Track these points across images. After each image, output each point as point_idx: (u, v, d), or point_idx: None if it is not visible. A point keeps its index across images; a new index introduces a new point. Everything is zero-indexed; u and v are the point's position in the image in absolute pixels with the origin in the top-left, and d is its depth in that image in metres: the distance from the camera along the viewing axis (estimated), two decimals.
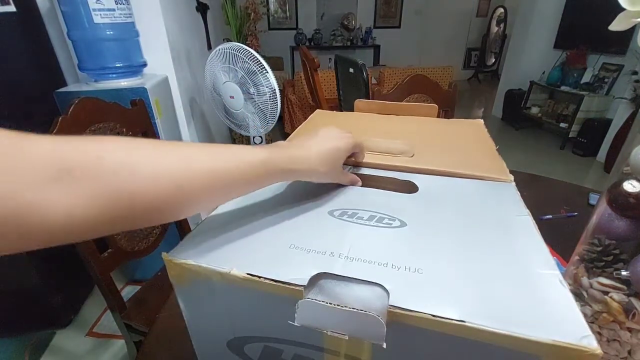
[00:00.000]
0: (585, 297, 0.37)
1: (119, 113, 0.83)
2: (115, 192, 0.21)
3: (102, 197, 0.21)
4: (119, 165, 0.22)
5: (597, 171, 2.65)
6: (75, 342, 1.26)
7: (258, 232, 0.31)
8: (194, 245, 0.29)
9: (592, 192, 0.83)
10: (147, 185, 0.23)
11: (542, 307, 0.22)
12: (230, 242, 0.29)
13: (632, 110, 2.44)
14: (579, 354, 0.20)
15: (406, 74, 1.27)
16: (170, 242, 0.29)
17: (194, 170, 0.25)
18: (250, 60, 1.41)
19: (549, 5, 3.30)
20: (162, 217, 0.25)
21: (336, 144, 0.36)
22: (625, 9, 0.38)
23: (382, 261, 0.26)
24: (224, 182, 0.27)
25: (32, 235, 0.19)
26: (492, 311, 0.22)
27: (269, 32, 4.55)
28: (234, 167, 0.27)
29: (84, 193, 0.20)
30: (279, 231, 0.31)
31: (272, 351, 0.30)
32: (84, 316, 1.35)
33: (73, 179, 0.20)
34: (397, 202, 0.35)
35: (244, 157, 0.28)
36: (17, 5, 1.05)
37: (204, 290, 0.29)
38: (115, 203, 0.21)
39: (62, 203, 0.20)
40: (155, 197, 0.23)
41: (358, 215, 0.33)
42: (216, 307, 0.30)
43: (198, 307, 0.31)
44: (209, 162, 0.26)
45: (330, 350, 0.27)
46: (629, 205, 0.35)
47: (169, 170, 0.24)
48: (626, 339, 0.35)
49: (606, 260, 0.36)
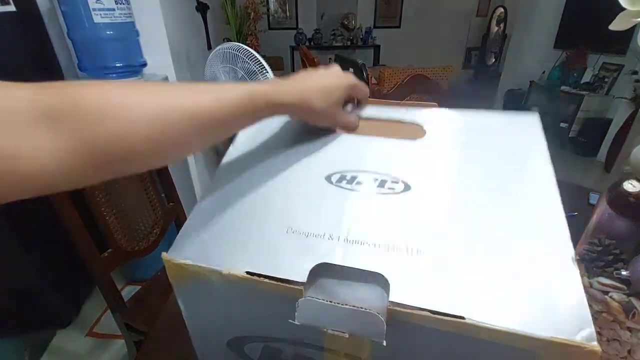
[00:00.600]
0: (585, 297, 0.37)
1: None
2: (96, 138, 0.21)
3: (84, 142, 0.20)
4: (99, 110, 0.21)
5: (597, 171, 2.65)
6: (75, 342, 1.26)
7: (254, 213, 0.29)
8: (191, 241, 0.28)
9: (592, 192, 0.83)
10: (129, 130, 0.22)
11: (547, 298, 0.22)
12: (227, 231, 0.28)
13: (632, 110, 2.44)
14: (577, 351, 0.20)
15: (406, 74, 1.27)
16: (170, 242, 0.29)
17: (175, 112, 0.24)
18: (250, 60, 1.41)
19: (549, 5, 3.29)
20: (147, 162, 0.25)
21: (334, 80, 0.33)
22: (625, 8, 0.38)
23: (382, 242, 0.25)
24: (208, 122, 0.25)
25: (14, 182, 0.19)
26: (492, 304, 0.22)
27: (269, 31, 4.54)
28: (218, 106, 0.26)
29: (67, 138, 0.20)
30: (275, 210, 0.29)
31: (272, 351, 0.30)
32: (84, 316, 1.35)
33: (55, 124, 0.20)
34: (402, 156, 0.32)
35: (228, 95, 0.26)
36: (17, 5, 1.05)
37: (203, 290, 0.28)
38: (97, 149, 0.21)
39: (45, 148, 0.19)
40: (137, 142, 0.22)
41: (357, 181, 0.30)
42: (216, 307, 0.29)
43: (197, 307, 0.30)
44: (192, 103, 0.25)
45: (330, 349, 0.27)
46: (629, 205, 0.35)
47: (150, 113, 0.23)
48: (626, 339, 0.35)
49: (606, 260, 0.36)
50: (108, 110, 0.22)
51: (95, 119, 0.21)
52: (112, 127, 0.21)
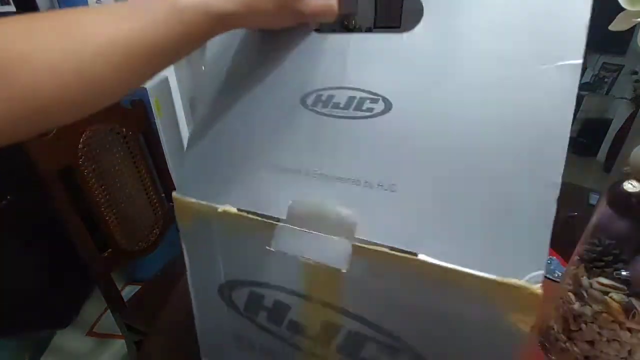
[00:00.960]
0: (585, 297, 0.37)
1: (119, 113, 0.83)
2: (11, 89, 0.18)
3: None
4: (8, 59, 0.18)
5: (597, 171, 2.65)
6: (75, 342, 1.26)
7: (237, 148, 0.31)
8: (190, 182, 0.32)
9: (592, 192, 0.83)
10: (44, 77, 0.19)
11: (506, 238, 0.21)
12: (218, 170, 0.31)
13: (632, 110, 2.44)
14: (520, 294, 0.20)
15: None
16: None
17: (92, 46, 0.20)
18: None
19: None
20: (75, 111, 0.22)
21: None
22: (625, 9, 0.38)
23: (356, 177, 0.26)
24: (135, 54, 0.21)
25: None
26: (449, 244, 0.22)
27: None
28: (143, 32, 0.22)
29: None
30: (255, 145, 0.31)
31: (256, 297, 0.32)
32: (84, 316, 1.35)
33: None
34: (387, 60, 0.27)
35: (156, 15, 0.22)
36: (17, 5, 1.05)
37: (202, 231, 0.32)
38: (15, 102, 0.19)
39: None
40: (56, 89, 0.19)
41: (334, 101, 0.28)
42: (211, 249, 0.32)
43: (196, 250, 0.34)
44: (112, 33, 0.21)
45: (307, 296, 0.29)
46: (629, 205, 0.35)
47: (63, 53, 0.19)
48: (626, 339, 0.35)
49: (606, 260, 0.36)
50: (24, 56, 0.19)
51: (10, 68, 0.18)
52: (30, 74, 0.19)
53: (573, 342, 0.40)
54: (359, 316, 0.27)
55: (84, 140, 0.74)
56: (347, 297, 0.27)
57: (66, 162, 0.70)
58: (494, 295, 0.21)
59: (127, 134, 0.85)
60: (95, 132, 0.77)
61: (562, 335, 0.41)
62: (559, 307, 0.42)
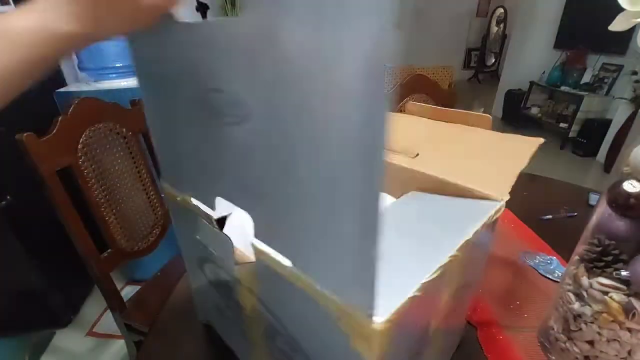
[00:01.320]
0: (585, 297, 0.37)
1: (119, 113, 0.83)
2: None
3: None
4: None
5: (597, 171, 2.65)
6: (75, 342, 1.26)
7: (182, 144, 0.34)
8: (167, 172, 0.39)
9: (592, 192, 0.83)
10: None
11: (364, 271, 0.20)
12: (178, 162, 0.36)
13: (632, 110, 2.44)
14: (357, 322, 0.21)
15: (406, 74, 1.27)
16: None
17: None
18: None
19: (549, 5, 3.29)
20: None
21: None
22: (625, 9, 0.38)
23: (259, 191, 0.28)
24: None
25: None
26: (323, 263, 0.23)
27: None
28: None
29: None
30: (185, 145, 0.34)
31: (215, 271, 0.38)
32: (84, 316, 1.35)
33: None
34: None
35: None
36: (17, 5, 1.05)
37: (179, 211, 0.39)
38: None
39: None
40: None
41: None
42: (188, 231, 0.39)
43: (181, 232, 0.43)
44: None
45: (238, 280, 0.33)
46: (629, 205, 0.35)
47: None
48: (626, 339, 0.35)
49: (606, 260, 0.36)
50: None
51: None
52: None
53: (573, 342, 0.40)
54: (270, 309, 0.31)
55: (83, 140, 0.74)
56: (261, 288, 0.31)
57: (66, 162, 0.70)
58: (341, 318, 0.22)
59: (127, 134, 0.85)
60: (95, 132, 0.77)
61: (562, 335, 0.41)
62: (559, 307, 0.42)
